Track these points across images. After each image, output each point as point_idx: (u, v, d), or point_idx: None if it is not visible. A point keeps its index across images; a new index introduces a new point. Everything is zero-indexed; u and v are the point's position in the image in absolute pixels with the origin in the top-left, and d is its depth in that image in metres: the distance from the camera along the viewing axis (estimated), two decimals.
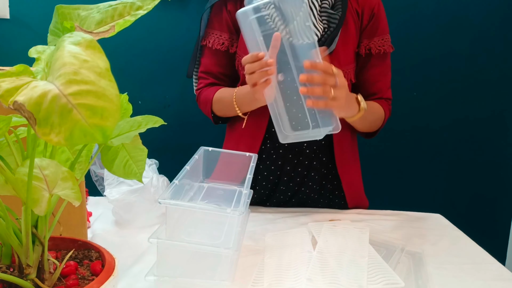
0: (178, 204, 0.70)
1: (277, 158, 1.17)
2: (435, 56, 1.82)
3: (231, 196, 0.90)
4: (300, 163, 1.17)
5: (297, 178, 1.18)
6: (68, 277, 0.52)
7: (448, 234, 1.01)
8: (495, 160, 1.92)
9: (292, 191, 1.20)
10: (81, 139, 0.33)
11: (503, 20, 1.80)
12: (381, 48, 1.12)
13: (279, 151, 1.16)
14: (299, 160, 1.16)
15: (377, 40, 1.13)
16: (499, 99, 1.87)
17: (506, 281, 0.80)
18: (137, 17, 0.48)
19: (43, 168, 0.46)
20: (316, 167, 1.17)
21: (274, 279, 0.73)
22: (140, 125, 0.59)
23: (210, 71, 1.19)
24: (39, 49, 0.47)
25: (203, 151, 0.95)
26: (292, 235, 0.92)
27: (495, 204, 1.95)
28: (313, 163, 1.17)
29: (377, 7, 1.12)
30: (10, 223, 0.48)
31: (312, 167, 1.17)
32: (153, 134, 0.78)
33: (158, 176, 1.06)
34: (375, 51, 1.12)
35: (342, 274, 0.72)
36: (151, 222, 1.01)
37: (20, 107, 0.33)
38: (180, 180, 0.77)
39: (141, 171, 0.62)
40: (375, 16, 1.12)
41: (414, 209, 1.17)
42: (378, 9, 1.12)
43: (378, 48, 1.12)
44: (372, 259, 0.77)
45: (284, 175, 1.18)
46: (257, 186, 1.20)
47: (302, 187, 1.19)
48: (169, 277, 0.72)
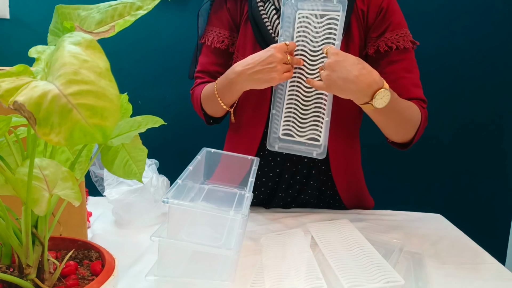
0: (181, 204, 0.70)
1: (276, 166, 1.15)
2: (435, 56, 1.82)
3: (231, 199, 0.90)
4: (298, 172, 1.15)
5: (296, 186, 1.17)
6: (68, 277, 0.52)
7: (448, 234, 1.01)
8: (495, 160, 1.92)
9: (292, 197, 1.19)
10: (81, 139, 0.33)
11: (503, 22, 1.80)
12: (394, 44, 1.01)
13: (277, 159, 1.14)
14: (297, 168, 1.14)
15: (389, 36, 1.02)
16: (499, 99, 1.87)
17: (506, 281, 0.80)
18: (137, 17, 0.48)
19: (43, 168, 0.46)
20: (315, 175, 1.15)
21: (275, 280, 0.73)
22: (140, 125, 0.59)
23: (207, 70, 1.15)
24: (39, 49, 0.47)
25: (205, 152, 0.95)
26: (287, 236, 0.92)
27: (495, 204, 1.95)
28: (312, 171, 1.14)
29: (386, 2, 1.02)
30: (10, 223, 0.48)
31: (310, 175, 1.15)
32: (153, 134, 0.78)
33: (157, 176, 1.06)
34: (384, 48, 1.01)
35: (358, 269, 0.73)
36: (151, 222, 1.02)
37: (20, 107, 0.33)
38: (183, 180, 0.77)
39: (141, 171, 0.62)
40: (384, 11, 1.02)
41: (414, 209, 1.17)
42: (388, 4, 1.02)
43: (391, 44, 1.01)
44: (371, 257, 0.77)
45: (282, 182, 1.16)
46: (256, 191, 1.19)
47: (301, 194, 1.18)
48: (169, 277, 0.72)
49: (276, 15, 1.04)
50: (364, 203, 1.22)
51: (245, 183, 0.92)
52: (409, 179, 1.93)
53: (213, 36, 1.12)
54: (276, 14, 1.05)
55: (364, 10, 1.04)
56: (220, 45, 1.11)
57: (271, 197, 1.20)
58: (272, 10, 1.05)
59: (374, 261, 0.75)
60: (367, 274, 0.71)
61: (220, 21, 1.12)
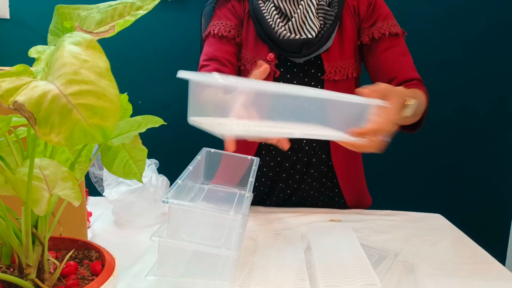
0: (181, 204, 0.70)
1: (276, 154, 1.17)
2: (435, 57, 1.82)
3: (231, 199, 0.90)
4: (299, 160, 1.17)
5: (296, 176, 1.19)
6: (68, 277, 0.52)
7: (448, 234, 1.01)
8: (495, 160, 1.92)
9: (292, 188, 1.20)
10: (81, 139, 0.33)
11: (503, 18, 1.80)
12: (386, 31, 1.08)
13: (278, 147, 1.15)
14: (298, 157, 1.17)
15: (380, 25, 1.09)
16: (499, 99, 1.87)
17: (506, 281, 0.80)
18: (137, 17, 0.48)
19: (43, 168, 0.46)
20: (315, 164, 1.17)
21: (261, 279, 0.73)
22: (140, 125, 0.59)
23: (213, 57, 1.11)
24: (39, 49, 0.47)
25: (205, 152, 0.95)
26: (283, 237, 0.92)
27: (495, 204, 1.95)
28: (312, 160, 1.17)
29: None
30: (10, 223, 0.48)
31: (311, 164, 1.17)
32: (153, 134, 0.78)
33: (157, 176, 1.06)
34: (378, 35, 1.07)
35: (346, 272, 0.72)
36: (151, 222, 1.02)
37: (20, 107, 0.33)
38: (183, 180, 0.77)
39: (141, 171, 0.62)
40: (373, 5, 1.11)
41: (414, 209, 1.17)
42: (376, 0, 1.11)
43: (383, 31, 1.08)
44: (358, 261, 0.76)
45: (283, 171, 1.18)
46: (257, 183, 1.20)
47: (301, 185, 1.20)
48: (169, 277, 0.72)
49: (275, 11, 1.09)
50: (363, 198, 1.24)
51: (245, 182, 0.92)
52: (409, 179, 1.93)
53: (219, 27, 1.12)
54: (275, 11, 1.09)
55: (355, 6, 1.11)
56: (227, 34, 1.11)
57: (271, 189, 1.21)
58: (272, 7, 1.10)
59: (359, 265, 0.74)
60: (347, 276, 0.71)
61: (225, 15, 1.13)
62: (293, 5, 1.08)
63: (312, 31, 1.07)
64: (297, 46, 1.06)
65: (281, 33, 1.06)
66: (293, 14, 1.07)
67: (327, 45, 1.09)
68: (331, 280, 0.70)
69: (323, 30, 1.07)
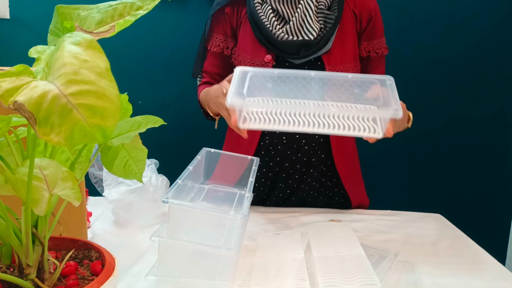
0: (181, 204, 0.70)
1: (276, 154, 1.17)
2: (435, 57, 1.82)
3: (231, 199, 0.90)
4: (298, 160, 1.17)
5: (296, 175, 1.19)
6: (68, 277, 0.52)
7: (448, 234, 1.01)
8: (495, 160, 1.92)
9: (291, 188, 1.20)
10: (81, 139, 0.33)
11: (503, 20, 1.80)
12: (379, 51, 1.17)
13: (278, 147, 1.16)
14: (297, 156, 1.17)
15: (376, 42, 1.17)
16: (499, 99, 1.87)
17: (506, 281, 0.80)
18: (137, 17, 0.48)
19: (43, 168, 0.46)
20: (315, 164, 1.18)
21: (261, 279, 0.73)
22: (140, 125, 0.59)
23: (207, 71, 1.24)
24: (39, 49, 0.47)
25: (205, 152, 0.95)
26: (283, 236, 0.92)
27: (495, 204, 1.95)
28: (312, 159, 1.17)
29: (374, 10, 1.15)
30: (10, 223, 0.48)
31: (310, 164, 1.18)
32: (153, 134, 0.78)
33: (157, 176, 1.06)
34: (374, 54, 1.16)
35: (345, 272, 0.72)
36: (150, 221, 1.02)
37: (20, 107, 0.33)
38: (183, 180, 0.77)
39: (141, 171, 0.62)
40: (373, 19, 1.15)
41: (414, 209, 1.17)
42: (375, 12, 1.15)
43: (377, 50, 1.17)
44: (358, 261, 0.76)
45: (282, 171, 1.18)
46: (256, 183, 1.20)
47: (301, 184, 1.20)
48: (169, 277, 0.72)
49: (272, 13, 1.11)
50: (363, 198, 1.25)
51: (244, 182, 0.92)
52: (409, 179, 1.93)
53: (212, 41, 1.21)
54: (273, 13, 1.11)
55: (356, 14, 1.14)
56: (216, 48, 1.20)
57: (271, 189, 1.21)
58: (269, 10, 1.11)
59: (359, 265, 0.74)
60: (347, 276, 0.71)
61: (217, 27, 1.21)
62: (291, 8, 1.09)
63: (312, 33, 1.07)
64: (295, 47, 1.07)
65: (278, 35, 1.08)
66: (291, 17, 1.09)
67: (327, 48, 1.09)
68: (331, 280, 0.70)
69: (322, 33, 1.08)
